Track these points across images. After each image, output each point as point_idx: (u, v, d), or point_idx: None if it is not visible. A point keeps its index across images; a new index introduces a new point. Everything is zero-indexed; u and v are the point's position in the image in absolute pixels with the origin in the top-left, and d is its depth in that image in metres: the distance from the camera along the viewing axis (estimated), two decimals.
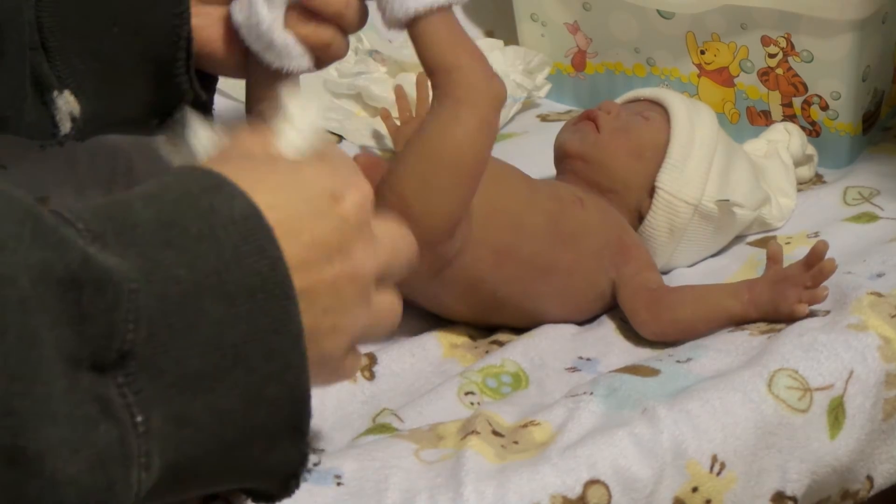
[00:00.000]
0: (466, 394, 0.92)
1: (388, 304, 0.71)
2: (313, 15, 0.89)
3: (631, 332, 1.03)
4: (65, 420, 0.55)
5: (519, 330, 1.04)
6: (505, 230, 0.99)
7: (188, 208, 0.60)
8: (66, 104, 0.87)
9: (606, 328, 1.04)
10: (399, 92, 1.24)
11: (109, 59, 0.88)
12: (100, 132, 0.94)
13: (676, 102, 1.13)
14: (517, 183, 1.03)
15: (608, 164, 1.09)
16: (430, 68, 0.90)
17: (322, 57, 0.92)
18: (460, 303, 1.01)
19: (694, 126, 1.11)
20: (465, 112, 0.89)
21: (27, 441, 0.54)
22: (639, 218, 1.10)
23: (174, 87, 0.91)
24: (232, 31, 0.91)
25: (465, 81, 0.89)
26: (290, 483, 0.65)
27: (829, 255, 1.01)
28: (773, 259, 1.01)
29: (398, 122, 1.24)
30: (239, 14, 0.91)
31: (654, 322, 1.00)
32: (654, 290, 1.03)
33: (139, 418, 0.58)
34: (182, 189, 0.60)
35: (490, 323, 1.04)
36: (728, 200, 1.09)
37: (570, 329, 1.03)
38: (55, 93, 0.86)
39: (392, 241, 0.71)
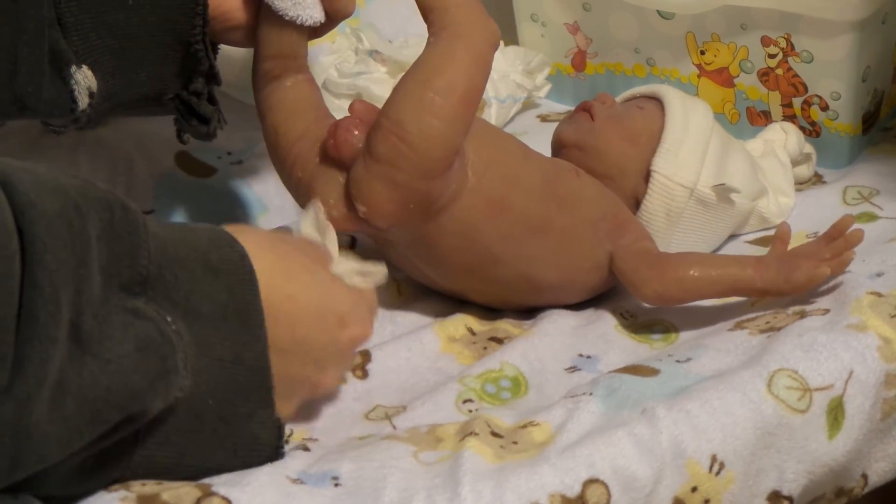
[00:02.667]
0: (465, 402, 0.92)
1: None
2: None
3: (631, 329, 1.02)
4: (104, 319, 0.66)
5: (517, 321, 1.03)
6: (500, 181, 0.99)
7: (169, 222, 0.76)
8: (85, 79, 0.88)
9: (606, 325, 1.03)
10: None
11: (126, 33, 0.90)
12: (116, 108, 0.95)
13: (671, 93, 1.13)
14: (513, 142, 1.05)
15: (603, 150, 1.10)
16: (427, 6, 0.93)
17: (332, 11, 0.96)
18: (455, 256, 1.00)
19: (688, 113, 1.12)
20: (461, 45, 0.93)
21: (84, 320, 0.65)
22: (635, 204, 1.10)
23: (190, 58, 0.92)
24: None
25: (462, 18, 0.93)
26: (276, 455, 0.78)
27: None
28: (781, 239, 1.01)
29: None
30: None
31: (658, 280, 1.00)
32: (656, 254, 1.03)
33: (169, 318, 0.70)
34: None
35: (486, 295, 1.03)
36: (724, 185, 1.09)
37: (569, 323, 1.03)
38: (73, 68, 0.87)
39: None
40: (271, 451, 0.77)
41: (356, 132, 0.95)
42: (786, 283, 0.97)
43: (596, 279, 1.05)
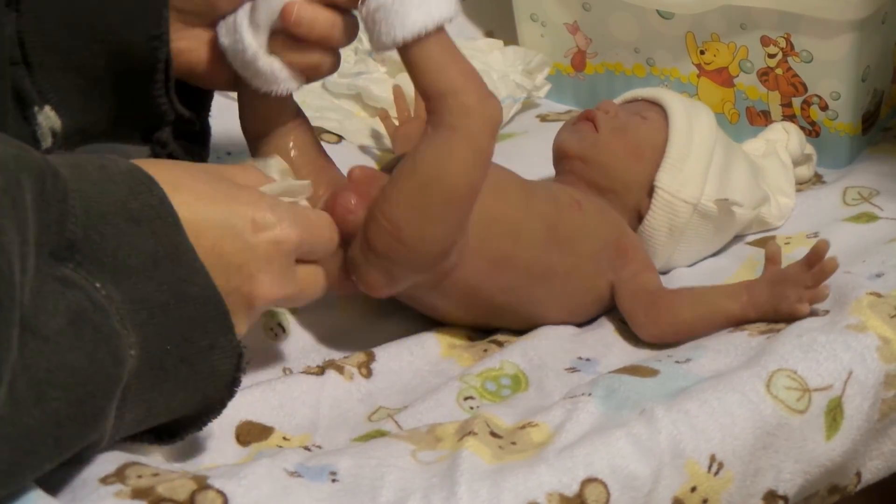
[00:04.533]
0: (466, 399, 0.92)
1: (311, 275, 0.86)
2: (299, 39, 0.89)
3: (630, 333, 1.02)
4: (38, 292, 0.66)
5: (518, 331, 1.04)
6: (502, 239, 0.98)
7: (87, 162, 0.74)
8: (47, 120, 0.89)
9: (606, 329, 1.03)
10: (397, 92, 1.24)
11: (90, 76, 0.89)
12: (90, 140, 0.95)
13: (674, 102, 1.12)
14: (514, 189, 1.02)
15: (607, 164, 1.09)
16: (423, 93, 0.88)
17: (312, 76, 0.92)
18: (459, 309, 1.01)
19: (692, 125, 1.11)
20: (459, 141, 0.88)
21: (24, 299, 0.64)
22: (638, 218, 1.10)
23: (154, 108, 0.92)
24: (220, 53, 0.91)
25: (459, 107, 0.87)
26: (233, 383, 0.78)
27: (828, 254, 1.01)
28: (772, 260, 1.00)
29: (396, 123, 1.23)
30: (225, 38, 0.90)
31: (653, 325, 1.00)
32: (651, 293, 1.02)
33: (98, 284, 0.70)
34: (86, 157, 0.75)
35: (489, 326, 1.04)
36: (727, 200, 1.09)
37: (569, 330, 1.03)
38: (36, 108, 0.87)
39: (312, 226, 0.85)
40: (229, 379, 0.78)
41: (354, 208, 0.91)
42: (775, 314, 0.97)
43: (598, 308, 1.06)
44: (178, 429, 0.79)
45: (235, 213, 0.79)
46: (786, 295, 0.96)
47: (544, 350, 0.98)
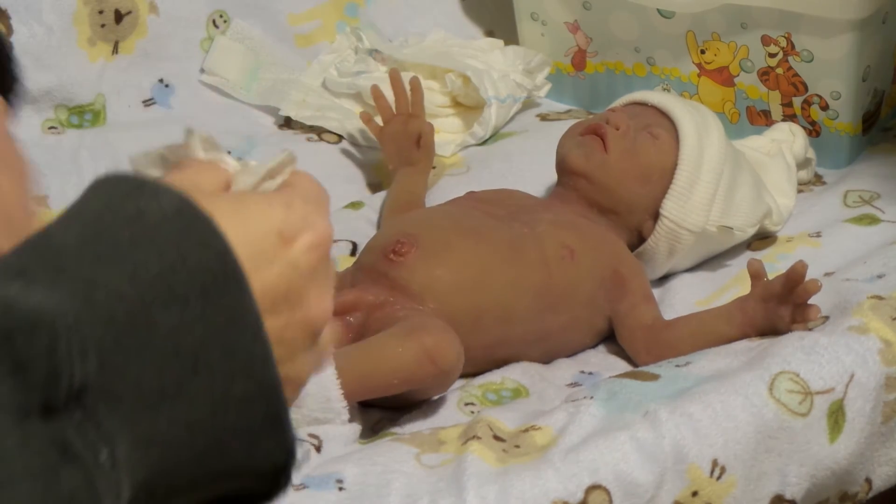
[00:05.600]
0: (466, 404, 0.92)
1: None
2: None
3: None
4: (23, 476, 0.52)
5: None
6: (493, 326, 0.99)
7: (113, 217, 0.55)
8: None
9: (608, 346, 1.05)
10: (376, 92, 1.23)
11: None
12: None
13: (685, 119, 1.10)
14: (500, 267, 1.00)
15: (613, 189, 1.08)
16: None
17: None
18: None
19: (702, 148, 1.09)
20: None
21: None
22: (639, 237, 1.10)
23: None
24: None
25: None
26: (280, 479, 0.61)
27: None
28: (756, 276, 0.99)
29: (381, 123, 1.23)
30: None
31: (654, 360, 0.99)
32: (651, 328, 1.02)
33: (103, 455, 0.55)
34: (103, 200, 0.55)
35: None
36: (731, 228, 1.09)
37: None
38: None
39: (324, 198, 0.63)
40: (275, 473, 0.61)
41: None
42: (775, 332, 0.97)
43: (598, 340, 1.06)
44: None
45: (255, 234, 0.61)
46: (780, 315, 0.96)
47: (545, 368, 0.99)
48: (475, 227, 1.02)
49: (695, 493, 0.81)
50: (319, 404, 0.85)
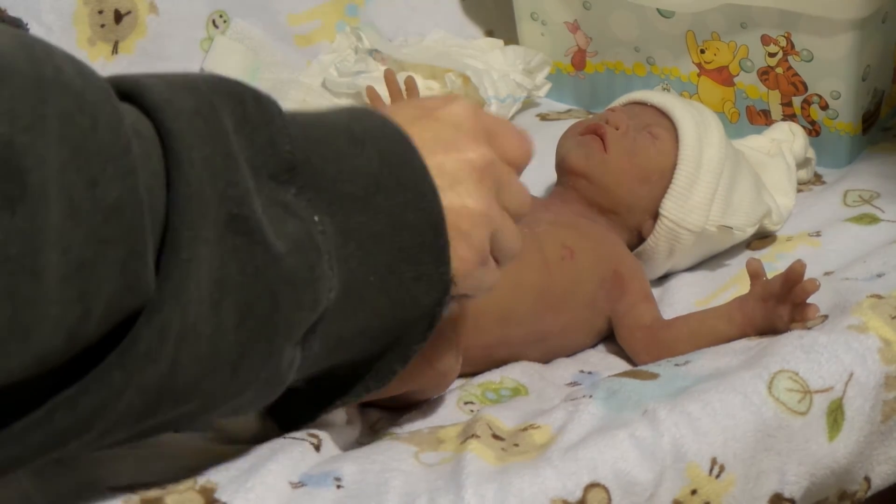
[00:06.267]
0: (466, 403, 0.92)
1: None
2: None
3: None
4: (262, 211, 0.64)
5: None
6: (492, 327, 0.98)
7: (326, 113, 0.72)
8: None
9: (607, 345, 1.05)
10: (372, 93, 1.23)
11: None
12: None
13: (685, 119, 1.10)
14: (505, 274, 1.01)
15: (613, 188, 1.08)
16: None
17: None
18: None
19: (702, 148, 1.09)
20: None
21: (249, 211, 0.63)
22: (638, 237, 1.10)
23: None
24: None
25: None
26: (433, 318, 0.74)
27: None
28: (755, 275, 0.99)
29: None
30: None
31: (653, 360, 0.99)
32: (650, 328, 1.02)
33: (317, 218, 0.67)
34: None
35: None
36: (730, 228, 1.09)
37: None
38: None
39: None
40: (430, 309, 0.74)
41: None
42: (774, 332, 0.97)
43: (598, 340, 1.06)
44: (356, 380, 0.77)
45: (439, 139, 0.76)
46: (779, 315, 0.96)
47: (545, 368, 0.99)
48: None
49: (694, 492, 0.81)
50: None
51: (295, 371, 0.70)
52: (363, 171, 0.70)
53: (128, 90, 0.63)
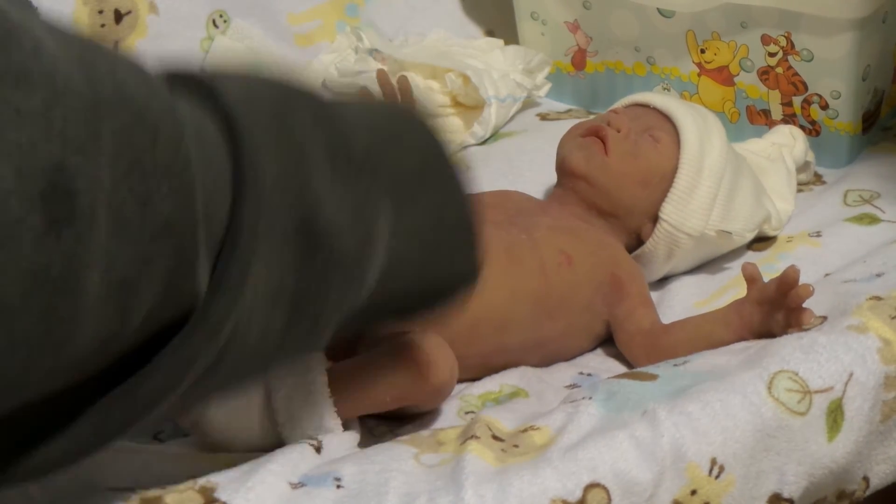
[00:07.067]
0: (466, 413, 0.93)
1: None
2: None
3: None
4: (338, 206, 0.67)
5: None
6: (490, 336, 0.98)
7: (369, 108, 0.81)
8: None
9: (606, 348, 1.05)
10: (382, 77, 1.23)
11: None
12: None
13: (688, 123, 1.10)
14: (498, 275, 0.99)
15: (613, 192, 1.08)
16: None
17: None
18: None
19: (703, 152, 1.09)
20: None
21: (317, 216, 0.65)
22: (637, 240, 1.10)
23: None
24: None
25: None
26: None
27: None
28: (752, 280, 0.99)
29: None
30: None
31: (651, 363, 0.99)
32: (649, 334, 1.02)
33: (380, 205, 0.71)
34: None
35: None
36: (730, 233, 1.09)
37: None
38: None
39: None
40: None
41: None
42: (769, 336, 0.96)
43: (596, 343, 1.06)
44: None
45: None
46: (776, 319, 0.96)
47: (543, 372, 0.99)
48: None
49: (693, 492, 0.81)
50: (314, 423, 0.85)
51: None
52: (408, 168, 0.75)
53: (200, 86, 0.63)
